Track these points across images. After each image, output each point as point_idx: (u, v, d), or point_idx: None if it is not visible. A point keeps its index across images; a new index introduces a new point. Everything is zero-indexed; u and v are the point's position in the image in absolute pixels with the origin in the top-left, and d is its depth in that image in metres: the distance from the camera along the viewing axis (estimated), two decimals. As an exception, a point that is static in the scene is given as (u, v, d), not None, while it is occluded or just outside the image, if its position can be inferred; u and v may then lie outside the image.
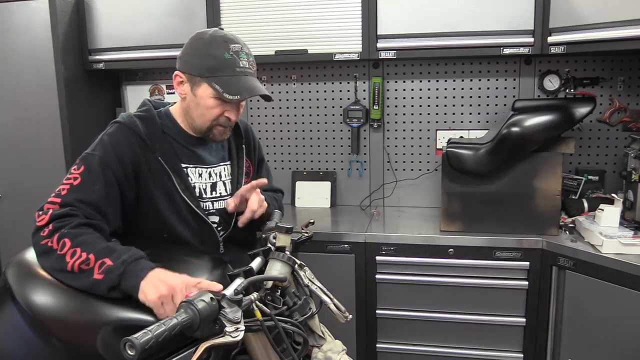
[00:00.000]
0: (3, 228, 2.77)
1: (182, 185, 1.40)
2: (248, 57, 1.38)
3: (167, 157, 1.39)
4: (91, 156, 1.32)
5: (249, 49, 1.41)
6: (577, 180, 2.52)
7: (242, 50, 1.37)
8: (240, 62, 1.36)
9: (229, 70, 1.34)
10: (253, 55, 1.42)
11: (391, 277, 2.30)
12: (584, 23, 2.09)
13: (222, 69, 1.34)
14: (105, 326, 1.03)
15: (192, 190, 1.43)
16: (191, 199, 1.41)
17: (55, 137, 2.66)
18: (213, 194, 1.49)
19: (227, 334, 0.95)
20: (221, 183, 1.51)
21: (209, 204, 1.47)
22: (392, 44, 2.43)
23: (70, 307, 1.10)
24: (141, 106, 1.47)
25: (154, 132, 1.40)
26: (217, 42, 1.35)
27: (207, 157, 1.50)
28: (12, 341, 1.12)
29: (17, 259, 1.22)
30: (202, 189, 1.46)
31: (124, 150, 1.34)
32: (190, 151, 1.46)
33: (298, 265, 1.25)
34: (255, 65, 1.41)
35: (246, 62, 1.37)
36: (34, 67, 2.66)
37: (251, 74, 1.39)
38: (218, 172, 1.51)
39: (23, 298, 1.09)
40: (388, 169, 2.83)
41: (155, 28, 2.66)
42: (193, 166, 1.46)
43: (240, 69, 1.36)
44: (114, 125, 1.39)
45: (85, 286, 1.11)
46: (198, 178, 1.46)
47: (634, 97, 2.52)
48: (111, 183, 1.30)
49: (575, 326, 2.08)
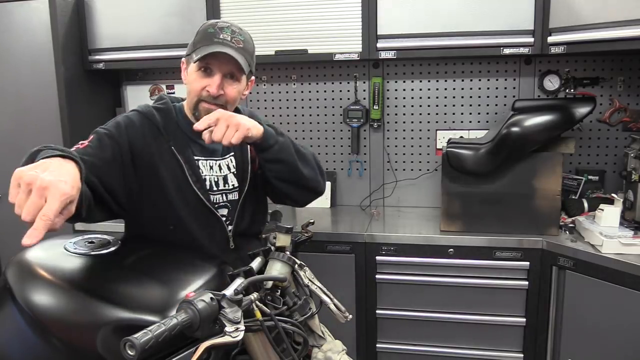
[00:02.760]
0: (3, 228, 2.77)
1: (193, 177, 1.41)
2: (234, 34, 1.39)
3: (180, 147, 1.41)
4: (103, 129, 1.36)
5: (242, 30, 1.42)
6: (577, 180, 2.52)
7: (228, 27, 1.39)
8: (221, 35, 1.37)
9: (207, 41, 1.37)
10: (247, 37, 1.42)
11: (391, 277, 2.30)
12: (584, 23, 2.09)
13: (202, 41, 1.38)
14: (105, 326, 1.03)
15: (202, 183, 1.43)
16: (202, 190, 1.42)
17: (55, 137, 2.65)
18: (226, 186, 1.49)
19: (227, 334, 0.95)
20: (231, 174, 1.51)
21: (219, 197, 1.47)
22: (392, 44, 2.44)
23: (70, 307, 1.09)
24: (159, 99, 1.50)
25: (169, 123, 1.43)
26: (208, 22, 1.41)
27: (215, 149, 1.49)
28: (12, 341, 1.12)
29: (17, 259, 1.22)
30: (214, 182, 1.46)
31: (137, 134, 1.37)
32: (201, 145, 1.46)
33: (298, 265, 1.25)
34: (242, 43, 1.40)
35: (228, 36, 1.38)
36: (34, 67, 2.66)
37: (231, 45, 1.37)
38: (226, 164, 1.51)
39: (23, 298, 1.09)
40: (388, 169, 2.83)
41: (155, 28, 2.66)
42: (205, 159, 1.47)
43: (219, 40, 1.37)
44: (133, 112, 1.43)
45: None
46: (209, 170, 1.46)
47: (634, 97, 2.52)
48: (115, 157, 1.31)
49: (575, 326, 2.08)
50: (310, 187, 1.50)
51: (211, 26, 1.39)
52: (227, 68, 1.38)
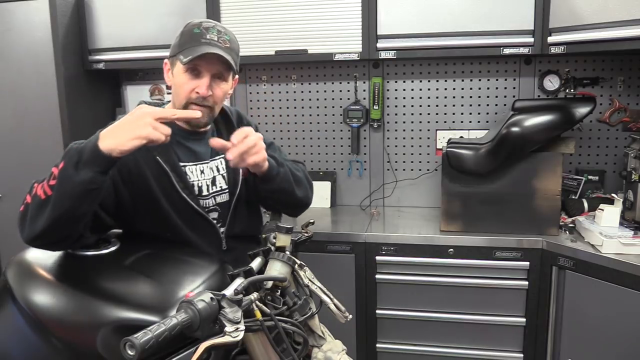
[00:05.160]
0: (3, 228, 2.77)
1: (181, 184, 1.40)
2: (220, 34, 1.37)
3: (165, 156, 1.39)
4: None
5: (228, 30, 1.41)
6: (577, 180, 2.52)
7: (213, 27, 1.37)
8: (207, 35, 1.35)
9: (194, 42, 1.35)
10: (232, 36, 1.41)
11: (391, 277, 2.30)
12: (584, 23, 2.09)
13: (189, 42, 1.36)
14: (105, 326, 1.03)
15: (191, 189, 1.42)
16: (191, 197, 1.41)
17: (55, 137, 2.66)
18: (214, 189, 1.48)
19: (227, 334, 0.95)
20: (220, 176, 1.50)
21: (210, 201, 1.47)
22: (392, 44, 2.44)
23: (70, 307, 1.09)
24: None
25: None
26: (192, 22, 1.39)
27: (203, 152, 1.49)
28: (12, 341, 1.12)
29: (17, 259, 1.22)
30: (202, 186, 1.46)
31: None
32: (187, 148, 1.45)
33: (298, 265, 1.25)
34: (229, 43, 1.38)
35: (215, 36, 1.36)
36: (34, 67, 2.65)
37: (218, 45, 1.35)
38: (215, 166, 1.50)
39: (23, 298, 1.09)
40: (388, 169, 2.83)
41: (155, 28, 2.66)
42: (192, 164, 1.46)
43: (206, 40, 1.35)
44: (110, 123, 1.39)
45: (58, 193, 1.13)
46: (200, 175, 1.46)
47: (634, 97, 2.52)
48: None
49: (575, 326, 2.08)
50: (303, 204, 1.59)
51: (196, 26, 1.37)
52: (216, 68, 1.37)
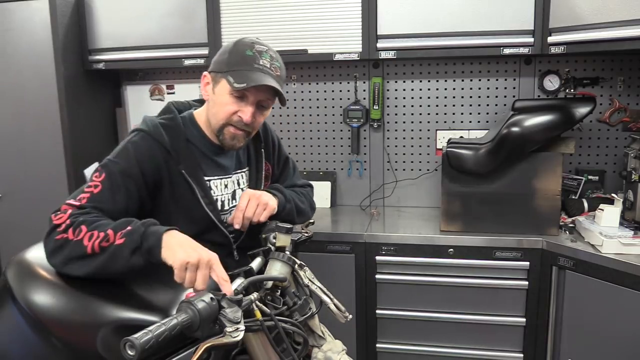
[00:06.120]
0: (3, 228, 2.77)
1: (205, 199, 1.37)
2: (272, 60, 1.34)
3: (190, 170, 1.36)
4: (114, 164, 1.28)
5: (278, 56, 1.37)
6: (577, 180, 2.52)
7: (266, 52, 1.34)
8: (260, 60, 1.31)
9: (246, 65, 1.31)
10: (281, 62, 1.38)
11: (391, 277, 2.30)
12: (584, 23, 2.09)
13: (241, 64, 1.31)
14: (105, 326, 1.03)
15: (215, 205, 1.41)
16: (214, 213, 1.39)
17: (55, 137, 2.66)
18: (233, 203, 1.47)
19: (227, 334, 0.95)
20: (239, 190, 1.49)
21: (228, 215, 1.45)
22: (392, 44, 2.43)
23: (70, 307, 1.10)
24: (165, 112, 1.43)
25: (178, 142, 1.36)
26: (244, 42, 1.34)
27: (228, 165, 1.47)
28: (12, 341, 1.12)
29: (17, 259, 1.22)
30: (224, 201, 1.45)
31: (147, 161, 1.31)
32: (213, 161, 1.43)
33: (298, 265, 1.25)
34: (280, 71, 1.36)
35: (267, 62, 1.32)
36: (34, 67, 2.66)
37: (270, 73, 1.32)
38: (236, 180, 1.49)
39: (23, 298, 1.09)
40: (388, 169, 2.83)
41: (155, 28, 2.66)
42: (217, 178, 1.44)
43: (259, 66, 1.31)
44: (139, 133, 1.34)
45: (106, 260, 1.10)
46: (224, 189, 1.45)
47: (634, 97, 2.52)
48: (131, 194, 1.27)
49: (575, 326, 2.08)
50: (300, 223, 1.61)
51: (249, 48, 1.32)
52: (263, 95, 1.34)
